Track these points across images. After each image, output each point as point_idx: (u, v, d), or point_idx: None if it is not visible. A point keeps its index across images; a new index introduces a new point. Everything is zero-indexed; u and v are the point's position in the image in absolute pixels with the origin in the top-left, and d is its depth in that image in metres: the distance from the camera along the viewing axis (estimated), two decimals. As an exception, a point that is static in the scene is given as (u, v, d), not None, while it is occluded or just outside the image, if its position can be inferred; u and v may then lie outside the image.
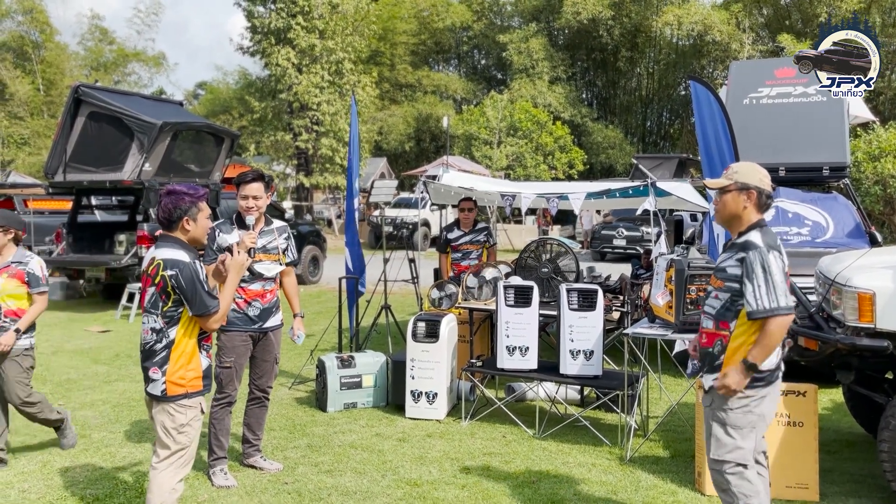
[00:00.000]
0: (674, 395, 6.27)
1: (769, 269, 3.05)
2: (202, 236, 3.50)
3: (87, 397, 6.28)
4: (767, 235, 3.16)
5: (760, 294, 3.05)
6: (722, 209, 3.29)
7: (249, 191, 4.38)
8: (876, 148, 14.36)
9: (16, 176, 24.79)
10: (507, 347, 5.54)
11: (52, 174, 11.41)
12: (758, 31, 32.09)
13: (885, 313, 3.96)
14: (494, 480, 4.47)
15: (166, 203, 3.38)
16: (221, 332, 4.44)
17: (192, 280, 3.27)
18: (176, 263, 3.27)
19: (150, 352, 3.35)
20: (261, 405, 4.68)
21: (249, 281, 4.43)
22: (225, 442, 4.45)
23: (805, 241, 7.16)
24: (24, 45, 36.96)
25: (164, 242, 3.39)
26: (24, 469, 4.59)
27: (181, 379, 3.33)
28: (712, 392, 3.23)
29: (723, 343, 3.21)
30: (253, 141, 27.92)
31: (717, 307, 3.25)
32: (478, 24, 38.59)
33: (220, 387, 4.44)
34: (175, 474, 3.38)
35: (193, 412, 3.39)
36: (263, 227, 4.51)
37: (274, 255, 4.54)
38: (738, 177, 3.25)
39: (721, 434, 3.18)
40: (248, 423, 4.68)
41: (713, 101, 5.68)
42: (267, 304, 4.50)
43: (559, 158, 28.74)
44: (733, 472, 3.17)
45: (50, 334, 9.18)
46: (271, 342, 4.58)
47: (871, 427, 5.10)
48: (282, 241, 4.60)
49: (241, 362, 4.49)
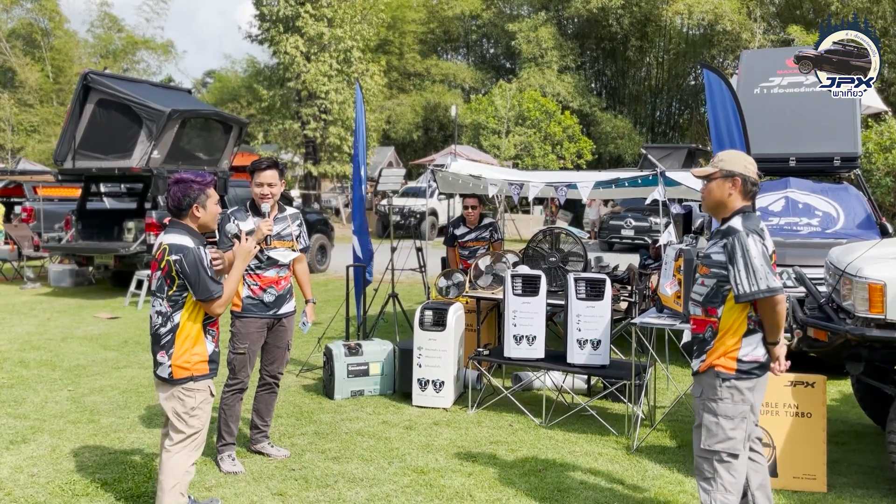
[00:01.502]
0: (681, 384, 6.26)
1: (748, 253, 3.08)
2: (212, 222, 3.55)
3: (96, 383, 6.31)
4: (749, 220, 3.18)
5: (741, 278, 3.09)
6: (707, 196, 3.32)
7: (264, 178, 4.41)
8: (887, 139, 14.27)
9: (25, 163, 24.93)
10: (515, 336, 5.53)
11: (61, 161, 11.44)
12: (769, 20, 31.81)
13: (895, 304, 3.93)
14: (500, 469, 4.48)
15: (175, 192, 3.43)
16: (236, 318, 4.46)
17: (196, 265, 3.33)
18: (181, 248, 3.34)
19: (157, 335, 3.43)
20: (270, 391, 4.70)
21: (265, 268, 4.44)
22: (234, 428, 4.47)
23: (815, 231, 7.11)
24: (34, 32, 37.09)
25: (173, 228, 3.45)
26: (33, 454, 4.62)
27: (186, 363, 3.39)
28: (700, 380, 3.25)
29: (713, 329, 3.23)
30: (261, 129, 27.92)
31: (703, 293, 3.28)
32: (487, 12, 38.38)
33: (233, 373, 4.46)
34: (189, 457, 3.45)
35: (203, 395, 3.45)
36: (277, 215, 4.52)
37: (288, 242, 4.55)
38: (722, 164, 3.29)
39: (712, 424, 3.19)
40: (257, 408, 4.70)
41: (725, 90, 5.63)
42: (281, 291, 4.51)
43: (567, 148, 28.63)
44: (723, 463, 3.18)
45: (60, 321, 9.24)
46: (285, 329, 4.60)
47: (879, 419, 5.08)
48: (295, 227, 4.62)
49: (255, 349, 4.50)
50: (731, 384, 3.15)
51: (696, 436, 3.29)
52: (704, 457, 3.22)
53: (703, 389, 3.23)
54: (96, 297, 11.28)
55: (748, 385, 3.18)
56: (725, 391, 3.16)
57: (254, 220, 4.43)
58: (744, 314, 3.17)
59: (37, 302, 10.77)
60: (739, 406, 3.16)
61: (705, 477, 3.22)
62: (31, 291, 11.82)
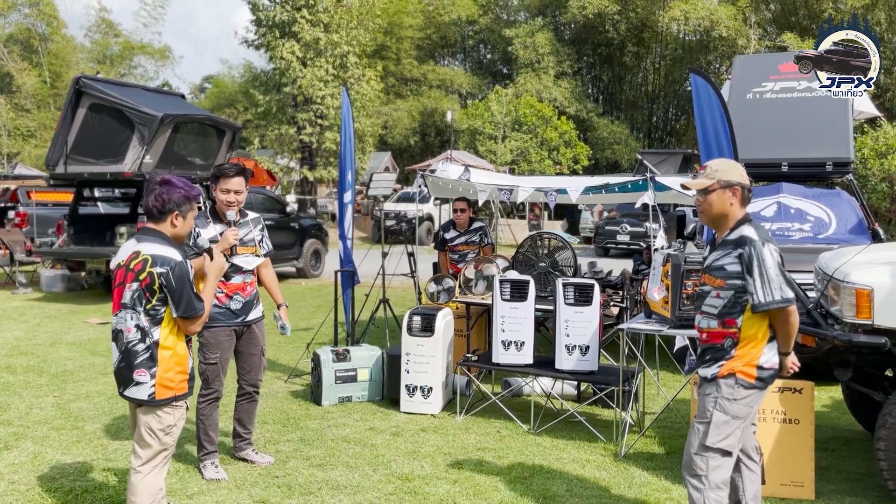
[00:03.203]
0: (670, 390, 6.22)
1: (764, 263, 3.09)
2: (185, 236, 3.39)
3: (82, 389, 6.26)
4: (759, 229, 3.19)
5: (756, 288, 3.09)
6: (708, 209, 3.29)
7: (231, 185, 4.28)
8: (883, 145, 14.24)
9: (22, 168, 24.92)
10: (503, 342, 5.49)
11: (53, 166, 11.42)
12: (765, 26, 31.87)
13: (883, 309, 3.90)
14: (486, 475, 4.43)
15: (161, 192, 3.22)
16: (204, 328, 4.34)
17: (183, 280, 3.14)
18: (167, 261, 3.14)
19: (133, 352, 3.19)
20: (250, 400, 4.62)
21: (230, 275, 4.34)
22: (214, 436, 4.41)
23: (807, 237, 7.08)
24: (31, 37, 37.06)
25: (149, 237, 3.23)
26: (15, 461, 4.57)
27: (171, 381, 3.22)
28: (716, 381, 3.21)
29: (734, 339, 3.20)
30: (257, 134, 27.92)
31: (719, 306, 3.24)
32: (483, 18, 38.42)
33: (206, 383, 4.38)
34: (160, 474, 3.31)
35: (180, 412, 3.31)
36: (240, 220, 4.42)
37: (251, 248, 4.46)
38: (719, 175, 3.26)
39: (721, 422, 3.18)
40: (238, 417, 4.63)
41: (713, 95, 5.62)
42: (248, 297, 4.44)
43: (564, 154, 28.63)
44: (717, 460, 3.17)
45: (49, 326, 9.19)
46: (255, 335, 4.52)
47: (869, 425, 5.04)
48: (257, 232, 4.52)
49: (226, 357, 4.42)
50: (751, 390, 3.18)
51: (693, 433, 3.25)
52: (703, 454, 3.19)
53: (719, 388, 3.21)
54: (88, 302, 11.22)
55: (763, 394, 3.24)
56: (743, 392, 3.17)
57: (216, 228, 4.31)
58: (766, 322, 3.18)
59: (28, 307, 10.72)
60: (747, 409, 3.20)
61: (696, 474, 3.19)
62: (22, 296, 11.77)
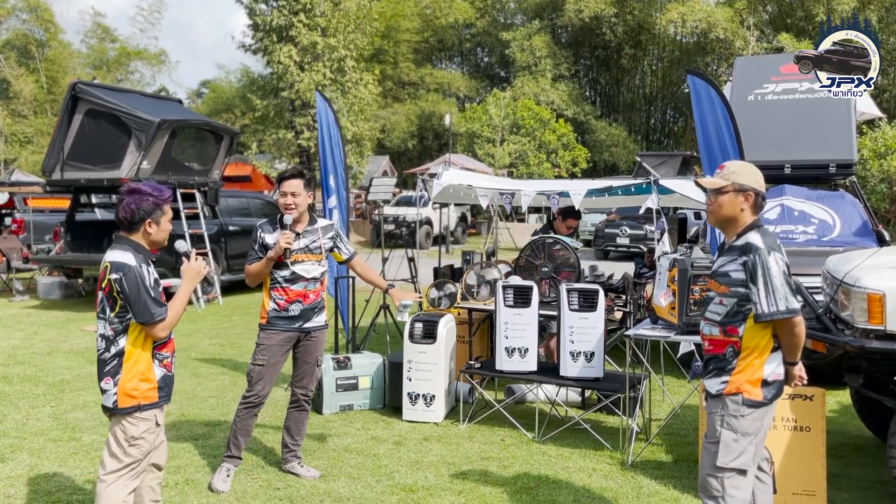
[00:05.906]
0: (677, 397, 6.14)
1: (769, 272, 2.96)
2: (163, 241, 3.30)
3: (79, 398, 6.18)
4: (767, 237, 3.05)
5: (759, 298, 2.97)
6: (717, 211, 3.17)
7: (287, 187, 4.26)
8: (882, 145, 14.23)
9: (19, 174, 24.77)
10: (507, 349, 5.41)
11: (49, 172, 11.32)
12: (762, 28, 31.91)
13: (895, 315, 3.83)
14: (492, 486, 4.35)
15: (129, 203, 3.14)
16: (262, 329, 4.33)
17: (137, 285, 3.06)
18: (121, 267, 3.07)
19: (101, 361, 3.16)
20: (301, 409, 4.54)
21: (292, 281, 4.29)
22: (242, 443, 4.34)
23: (811, 239, 7.02)
24: (29, 43, 36.97)
25: (118, 244, 3.19)
26: (10, 473, 4.48)
27: (133, 390, 3.13)
28: (721, 398, 3.10)
29: (735, 348, 3.09)
30: (255, 139, 27.80)
31: (722, 313, 3.12)
32: (481, 21, 38.44)
33: (249, 384, 4.31)
34: (125, 487, 3.17)
35: (147, 424, 3.18)
36: (307, 227, 4.37)
37: (317, 255, 4.37)
38: (735, 177, 3.13)
39: (731, 441, 3.05)
40: (287, 426, 4.55)
41: (714, 95, 5.54)
42: (308, 305, 4.34)
43: (562, 156, 28.61)
44: (733, 479, 3.05)
45: (46, 334, 9.10)
46: (313, 343, 4.44)
47: (880, 431, 4.97)
48: (326, 240, 4.44)
49: (275, 361, 4.32)
50: (758, 408, 3.06)
51: (705, 453, 3.14)
52: (717, 475, 3.08)
53: (725, 406, 3.09)
54: (85, 309, 11.13)
55: (772, 407, 3.11)
56: (748, 409, 3.05)
57: (279, 234, 4.29)
58: (768, 332, 3.05)
59: (24, 315, 10.62)
60: (757, 424, 3.06)
61: (712, 496, 3.07)
62: (19, 304, 11.67)
